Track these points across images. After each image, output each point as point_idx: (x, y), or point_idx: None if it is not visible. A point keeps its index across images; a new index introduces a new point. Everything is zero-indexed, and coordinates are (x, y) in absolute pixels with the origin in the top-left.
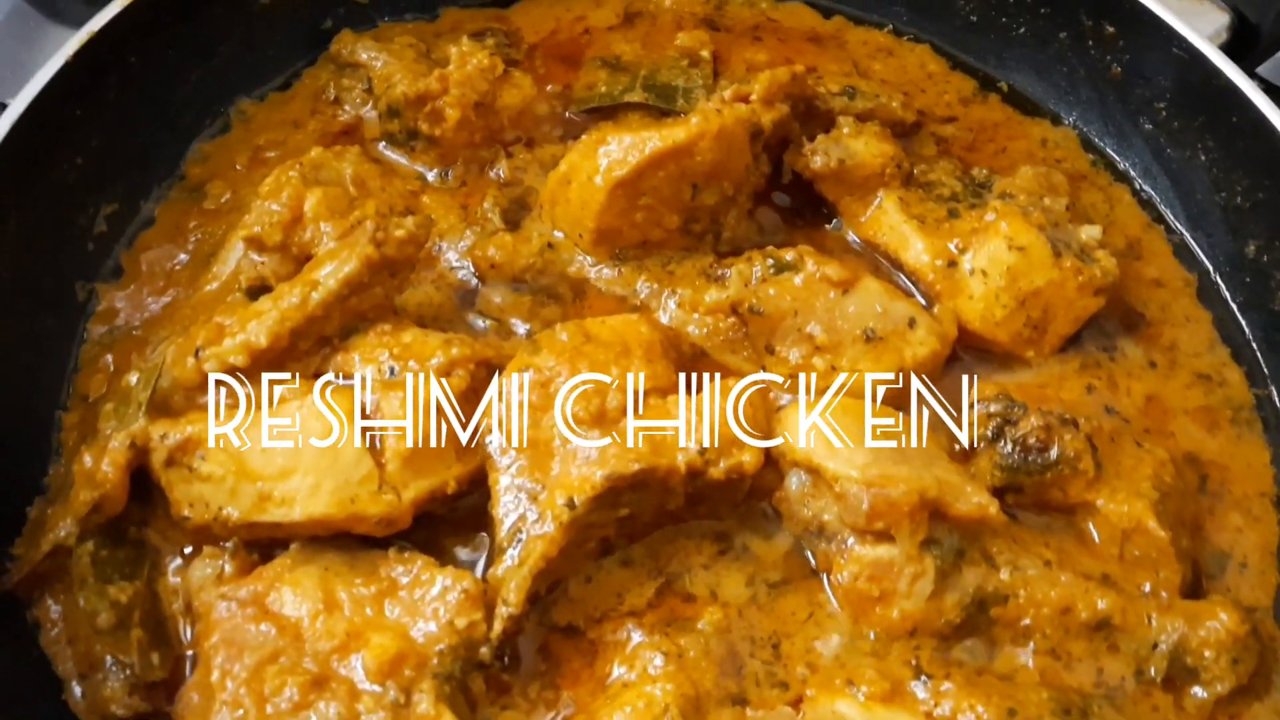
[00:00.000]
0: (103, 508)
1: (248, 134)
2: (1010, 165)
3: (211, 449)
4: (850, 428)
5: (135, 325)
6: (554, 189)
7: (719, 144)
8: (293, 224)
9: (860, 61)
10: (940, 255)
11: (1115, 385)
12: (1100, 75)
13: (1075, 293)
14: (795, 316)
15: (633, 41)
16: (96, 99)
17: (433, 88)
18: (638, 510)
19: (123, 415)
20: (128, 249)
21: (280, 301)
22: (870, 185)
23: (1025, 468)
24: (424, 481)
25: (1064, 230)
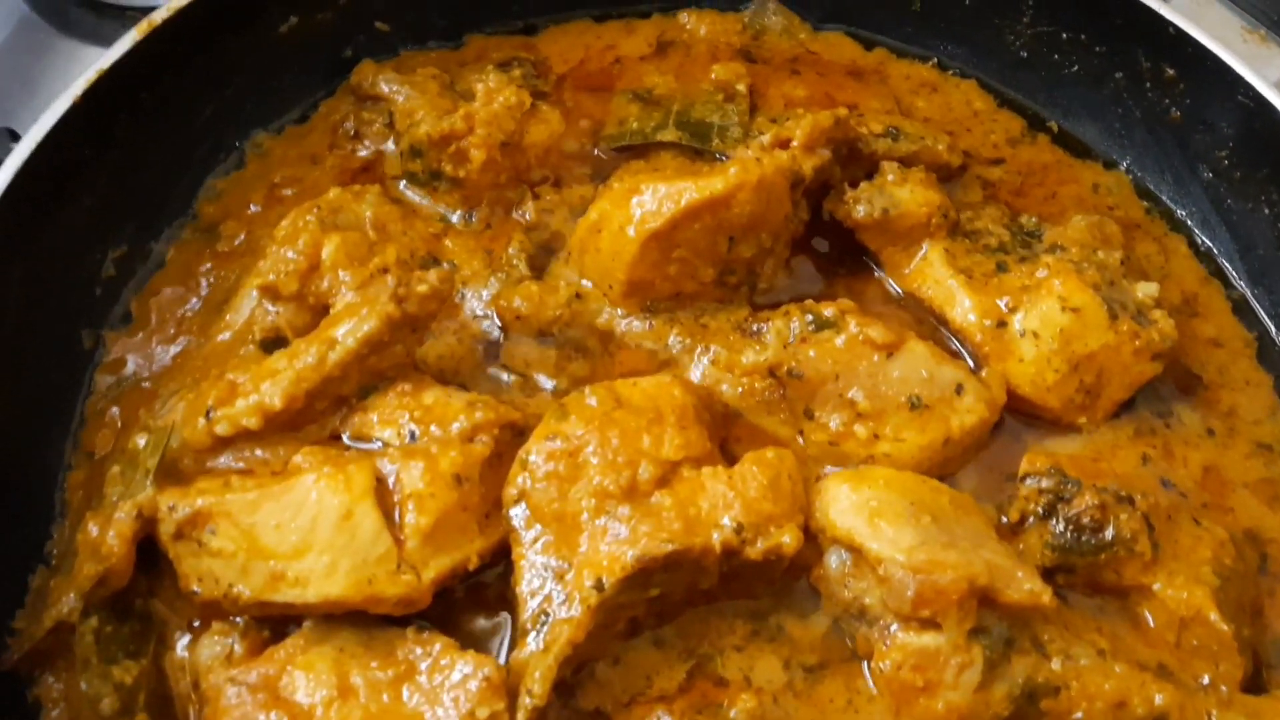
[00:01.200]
0: (107, 582)
1: (264, 170)
2: (1060, 212)
3: (222, 523)
4: (894, 504)
5: (144, 377)
6: (583, 237)
7: (758, 195)
8: (309, 272)
9: (903, 98)
10: (989, 314)
11: (1171, 454)
12: (1158, 119)
13: (1131, 357)
14: (836, 381)
15: (665, 73)
16: (106, 137)
17: (457, 128)
18: (669, 590)
19: (130, 481)
20: (137, 294)
21: (295, 361)
22: (915, 235)
23: (1078, 548)
24: (445, 558)
25: (1119, 288)
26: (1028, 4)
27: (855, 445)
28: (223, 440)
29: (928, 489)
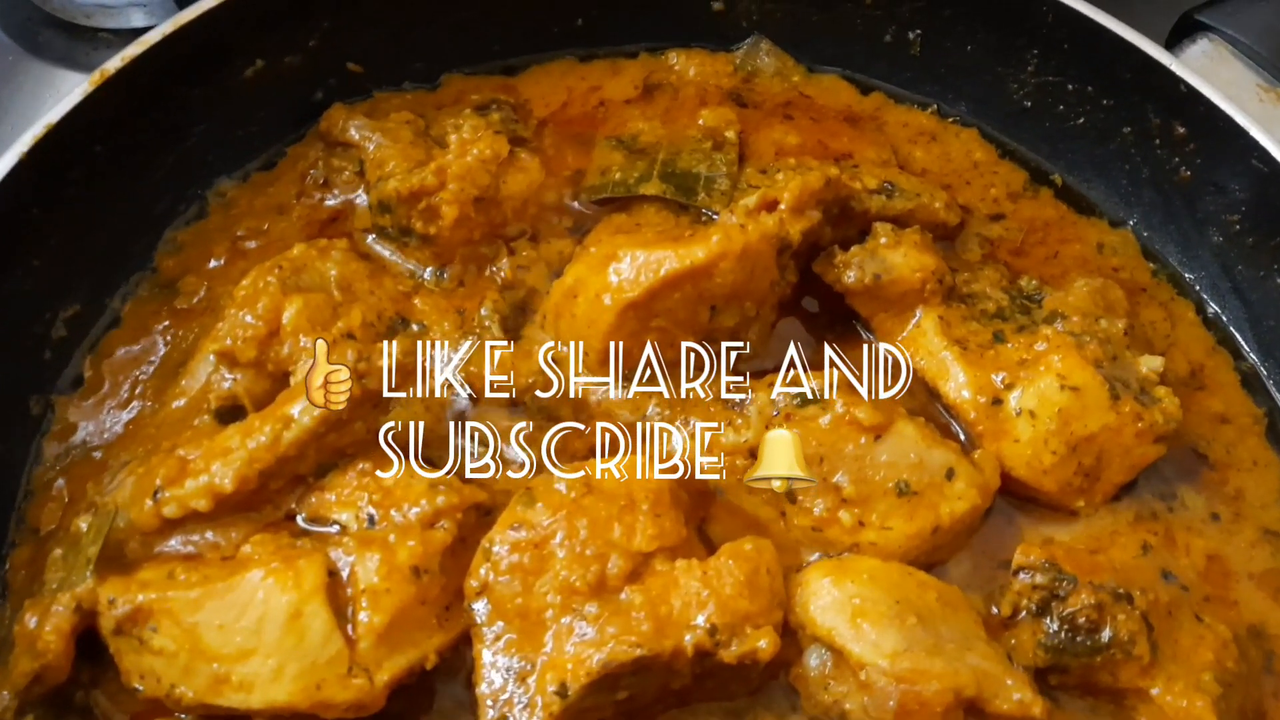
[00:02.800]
0: (44, 679)
1: (226, 221)
2: (1062, 273)
3: (164, 621)
4: (878, 602)
5: (94, 445)
6: (559, 302)
7: (742, 264)
8: (269, 338)
9: (900, 146)
10: (984, 391)
11: (1173, 542)
12: (1166, 178)
13: (1133, 440)
14: (820, 464)
15: (651, 118)
16: (57, 196)
17: (428, 183)
18: (639, 692)
19: (71, 567)
20: (90, 354)
21: (249, 440)
22: (908, 302)
23: (1073, 649)
24: (401, 658)
25: (1123, 364)
26: (1032, 53)
27: (839, 532)
28: (171, 522)
29: (914, 584)
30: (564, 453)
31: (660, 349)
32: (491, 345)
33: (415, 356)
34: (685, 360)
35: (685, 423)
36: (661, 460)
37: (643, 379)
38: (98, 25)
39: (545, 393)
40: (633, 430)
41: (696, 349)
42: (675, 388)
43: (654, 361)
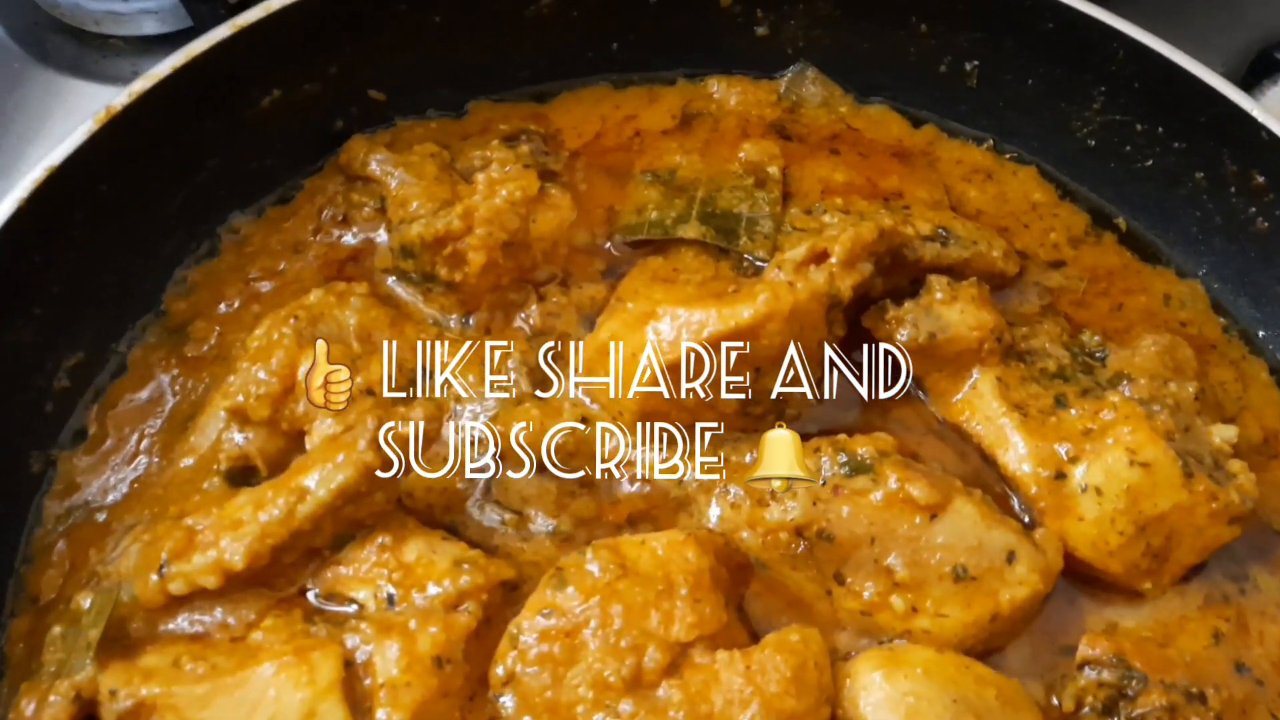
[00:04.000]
0: None
1: (239, 260)
2: (1127, 328)
3: (169, 717)
4: (934, 701)
5: (97, 506)
6: (591, 358)
7: (789, 326)
8: (283, 395)
9: (954, 185)
10: (1046, 464)
11: (1246, 629)
12: (1241, 228)
13: (1206, 520)
14: (871, 545)
15: (690, 151)
16: (59, 240)
17: (454, 228)
18: None
19: (71, 648)
20: (94, 405)
21: (260, 513)
22: (964, 361)
23: None
24: None
25: (1194, 435)
26: (1099, 90)
27: (891, 618)
28: (178, 599)
29: (972, 679)
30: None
31: (699, 411)
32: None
33: (440, 424)
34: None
35: (726, 489)
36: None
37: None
38: (108, 32)
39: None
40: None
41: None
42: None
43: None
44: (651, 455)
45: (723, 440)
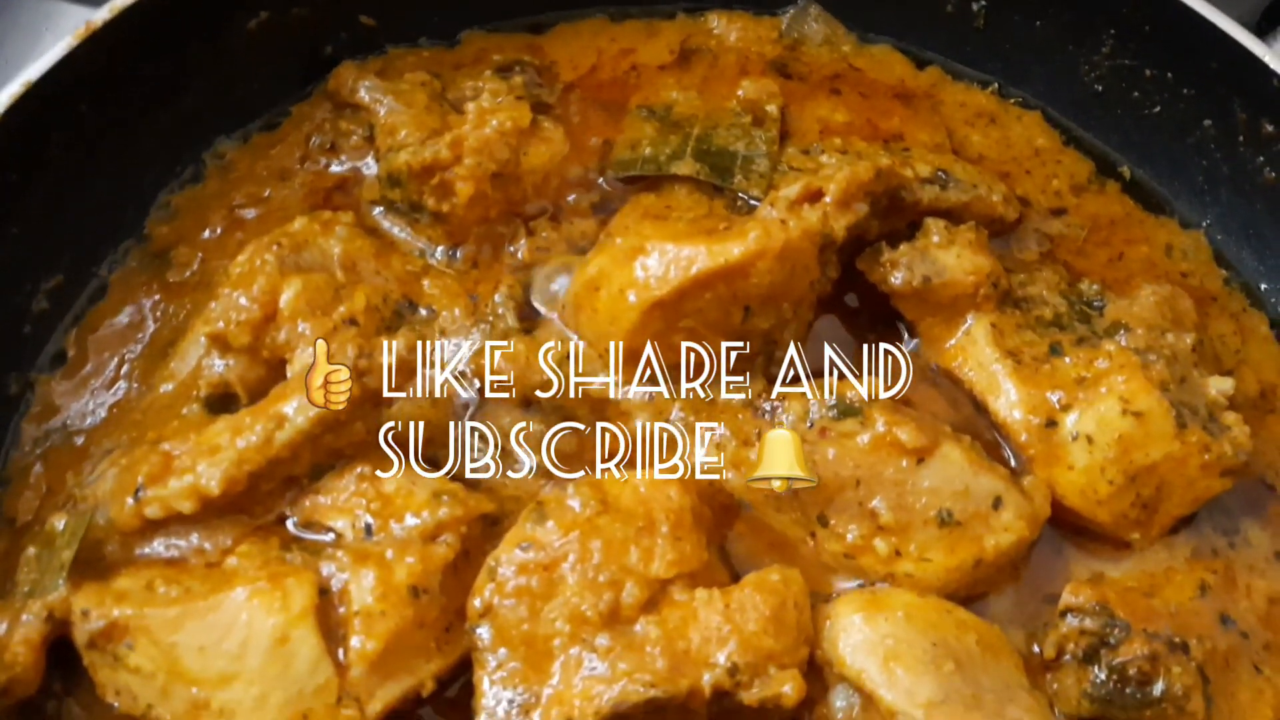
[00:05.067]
0: (12, 691)
1: (224, 186)
2: (1127, 278)
3: (140, 639)
4: (913, 644)
5: (75, 429)
6: (579, 293)
7: (781, 264)
8: (264, 322)
9: (956, 129)
10: (1038, 411)
11: (1233, 583)
12: (1249, 179)
13: (1198, 472)
14: (857, 488)
15: (688, 87)
16: (38, 160)
17: (443, 156)
18: None
19: (44, 569)
20: (74, 328)
21: (238, 439)
22: (959, 307)
23: (1121, 701)
24: (395, 686)
25: (1190, 386)
26: (1109, 33)
27: (874, 561)
28: (154, 523)
29: (953, 624)
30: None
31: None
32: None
33: (418, 353)
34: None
35: (712, 431)
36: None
37: (668, 381)
38: None
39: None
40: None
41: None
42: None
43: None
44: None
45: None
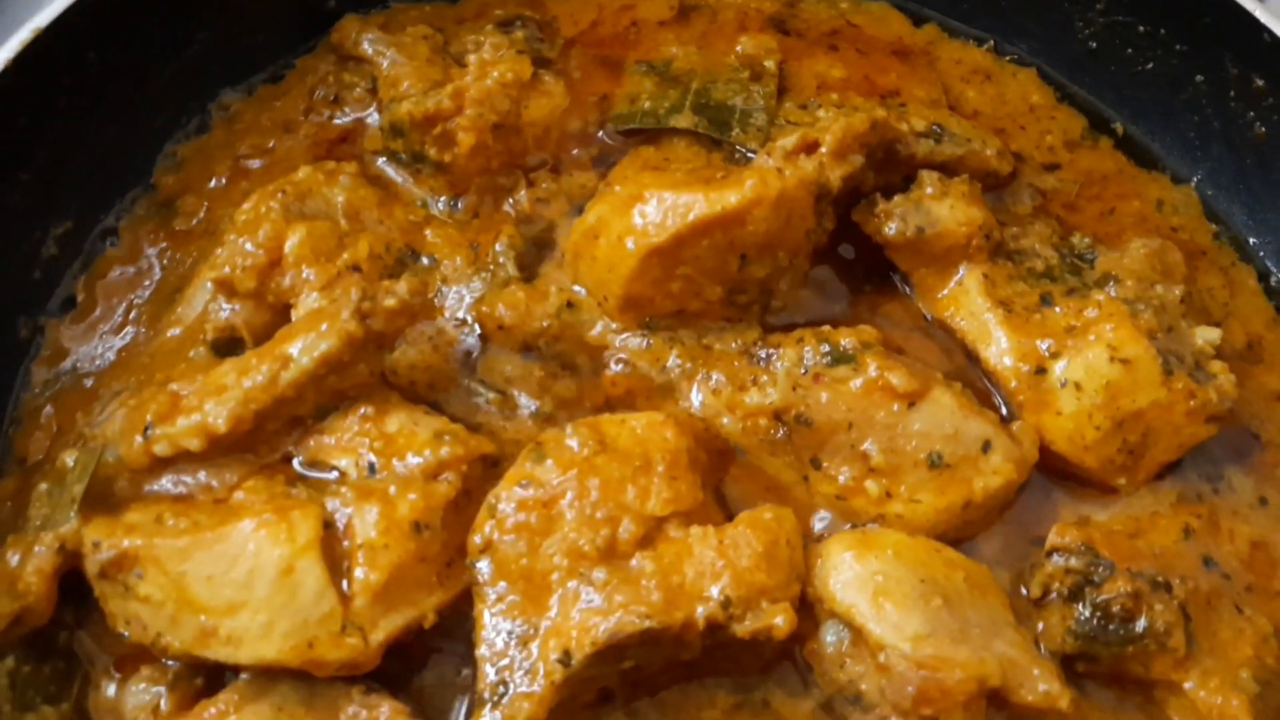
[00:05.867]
0: (24, 620)
1: (229, 136)
2: (1118, 232)
3: (150, 568)
4: (902, 581)
5: (85, 372)
6: (579, 242)
7: (776, 212)
8: (269, 268)
9: (952, 85)
10: (1027, 358)
11: (1217, 527)
12: (1239, 134)
13: (1183, 418)
14: (849, 430)
15: (687, 42)
16: (46, 107)
17: (444, 107)
18: (645, 662)
19: (56, 504)
20: (82, 276)
21: (244, 379)
22: (952, 257)
23: (1105, 638)
24: (397, 617)
25: (1177, 335)
26: None
27: (865, 503)
28: (162, 460)
29: (941, 563)
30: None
31: (685, 298)
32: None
33: (424, 296)
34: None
35: (708, 376)
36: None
37: (666, 327)
38: None
39: (560, 337)
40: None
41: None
42: (700, 340)
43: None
44: (638, 341)
45: (708, 329)
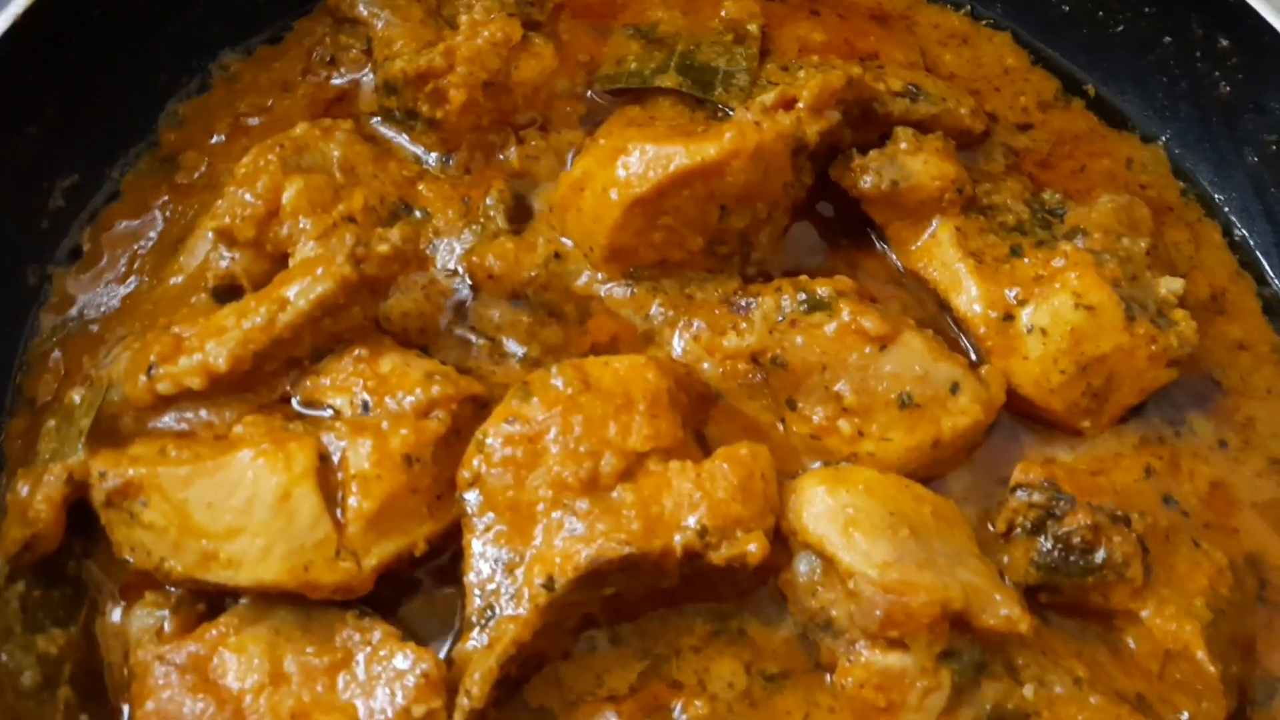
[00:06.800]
0: (35, 547)
1: (229, 95)
2: (1088, 189)
3: (154, 496)
4: (872, 513)
5: (91, 319)
6: (565, 194)
7: (754, 164)
8: (268, 218)
9: (930, 49)
10: (996, 306)
11: (1178, 468)
12: (1205, 93)
13: (1145, 363)
14: (823, 372)
15: (672, 7)
16: (54, 62)
17: (435, 65)
18: (626, 589)
19: (64, 438)
20: (88, 227)
21: (244, 320)
22: (925, 211)
23: (1065, 569)
24: (389, 544)
25: (1141, 284)
26: None
27: (838, 441)
28: (165, 399)
29: (910, 497)
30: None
31: (667, 248)
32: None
33: (415, 244)
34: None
35: (690, 323)
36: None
37: (649, 277)
38: None
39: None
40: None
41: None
42: (682, 289)
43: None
44: (622, 291)
45: (690, 279)
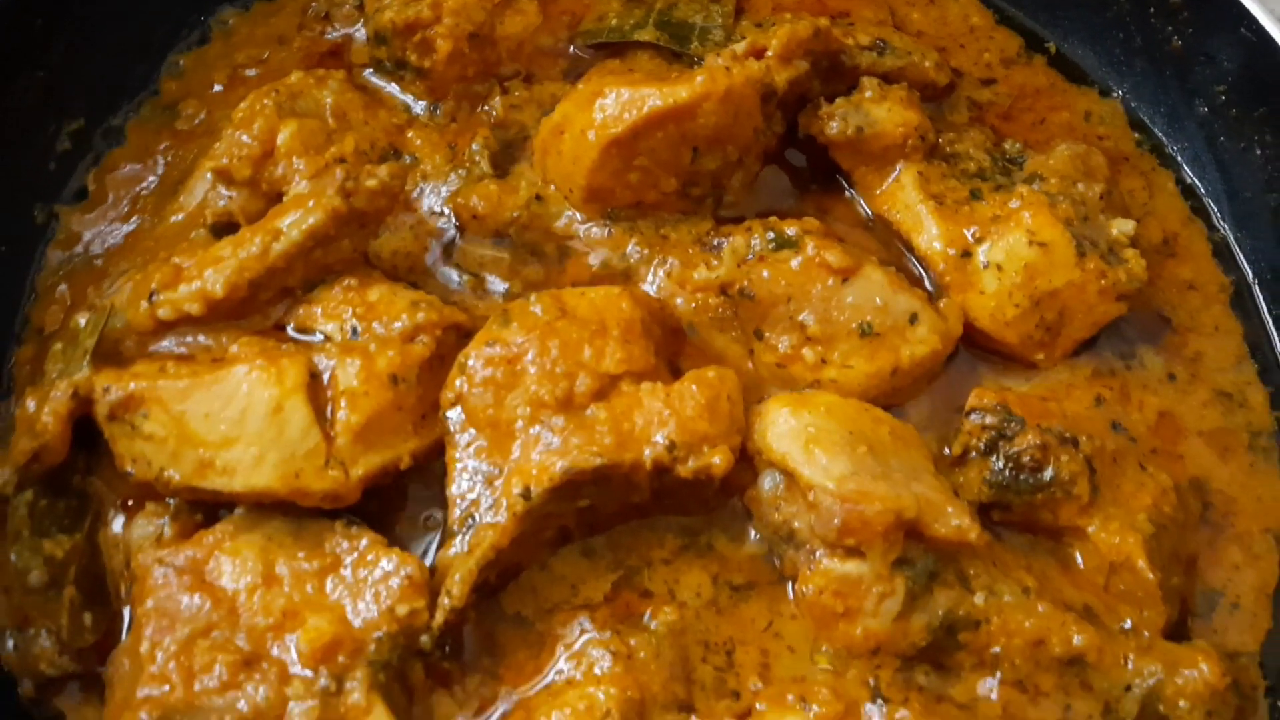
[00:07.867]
0: (42, 458)
1: (227, 48)
2: (1047, 140)
3: (154, 408)
4: (832, 432)
5: (96, 254)
6: (546, 138)
7: (724, 107)
8: (263, 159)
9: (898, 8)
10: (954, 244)
11: (1127, 398)
12: (1158, 48)
13: (1096, 297)
14: (788, 303)
15: None
16: (59, 10)
17: (423, 16)
18: (600, 502)
19: (69, 358)
20: (94, 168)
21: (240, 250)
22: (889, 156)
23: (1016, 487)
24: (376, 456)
25: (1094, 224)
26: None
27: (803, 369)
28: (165, 324)
29: (869, 419)
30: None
31: (643, 190)
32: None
33: (403, 180)
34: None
35: (664, 261)
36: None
37: (626, 218)
38: None
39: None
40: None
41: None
42: (657, 229)
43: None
44: (600, 230)
45: (665, 220)
